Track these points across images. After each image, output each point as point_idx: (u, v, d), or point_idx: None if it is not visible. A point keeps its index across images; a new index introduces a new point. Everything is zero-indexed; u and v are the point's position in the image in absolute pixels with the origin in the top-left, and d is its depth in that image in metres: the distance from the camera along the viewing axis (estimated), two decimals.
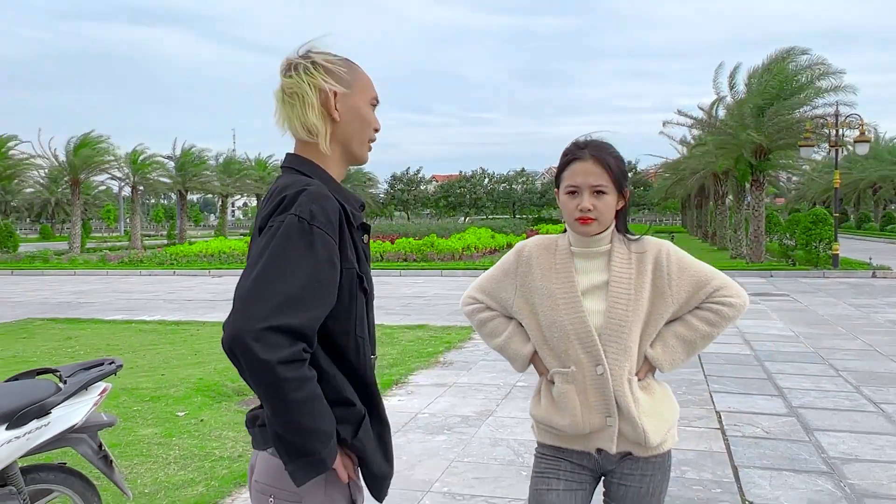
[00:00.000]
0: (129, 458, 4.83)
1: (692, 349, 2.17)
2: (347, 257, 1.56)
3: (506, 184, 74.51)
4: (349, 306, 1.57)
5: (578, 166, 2.11)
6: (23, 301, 14.62)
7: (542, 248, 2.23)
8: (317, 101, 1.59)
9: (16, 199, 57.19)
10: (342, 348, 1.59)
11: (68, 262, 23.97)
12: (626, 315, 2.09)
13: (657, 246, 2.16)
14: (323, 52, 1.64)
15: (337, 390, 1.58)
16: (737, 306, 2.16)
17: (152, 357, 8.42)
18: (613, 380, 2.09)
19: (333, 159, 1.65)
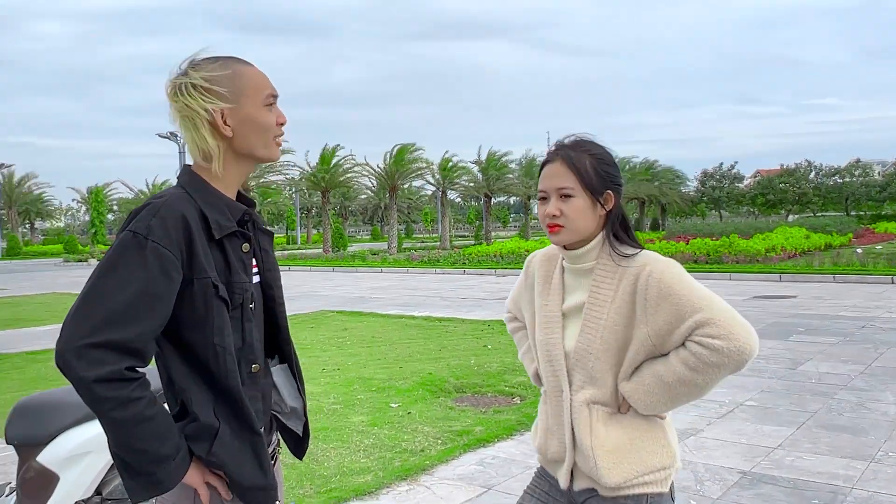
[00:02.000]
0: (329, 442, 5.27)
1: (673, 395, 1.80)
2: (200, 267, 1.55)
3: (836, 176, 66.52)
4: (205, 316, 1.56)
5: (547, 170, 1.92)
6: (327, 295, 16.64)
7: (545, 261, 2.07)
8: (206, 122, 1.61)
9: (352, 204, 65.17)
10: (201, 359, 1.58)
11: (379, 261, 26.71)
12: (594, 341, 1.85)
13: (643, 263, 1.82)
14: (205, 62, 1.63)
15: (189, 405, 1.59)
16: (721, 351, 1.71)
17: (402, 350, 9.06)
18: (574, 408, 1.88)
19: (228, 171, 1.66)
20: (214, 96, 1.60)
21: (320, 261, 28.32)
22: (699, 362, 1.73)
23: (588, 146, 1.91)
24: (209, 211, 1.60)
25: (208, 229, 1.58)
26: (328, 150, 36.06)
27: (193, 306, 1.55)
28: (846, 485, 4.19)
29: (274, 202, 55.74)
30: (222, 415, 1.60)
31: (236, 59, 1.68)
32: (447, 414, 6.00)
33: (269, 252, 1.78)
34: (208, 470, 1.61)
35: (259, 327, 1.71)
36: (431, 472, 4.59)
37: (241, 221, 1.67)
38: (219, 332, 1.57)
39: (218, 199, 1.63)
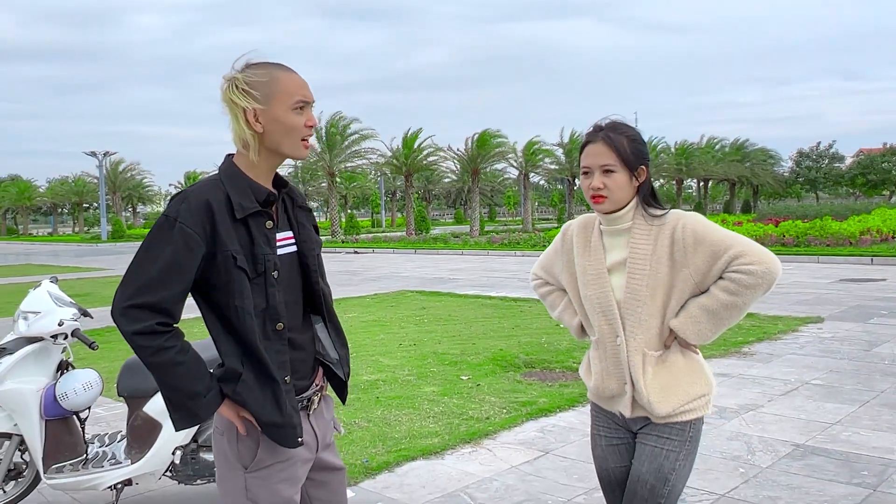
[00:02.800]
0: (402, 409, 5.66)
1: (718, 320, 2.18)
2: (223, 243, 1.88)
3: None
4: (227, 281, 1.90)
5: (590, 149, 2.30)
6: (408, 276, 17.14)
7: (581, 228, 2.41)
8: (242, 118, 1.93)
9: (436, 188, 65.82)
10: (227, 316, 1.93)
11: (461, 244, 27.11)
12: (641, 289, 2.20)
13: (676, 218, 2.21)
14: (252, 66, 1.94)
15: (220, 354, 1.98)
16: (756, 273, 2.11)
17: (477, 328, 9.39)
18: (629, 351, 2.24)
19: (261, 160, 1.98)
20: (250, 97, 1.92)
21: (403, 243, 28.97)
22: (738, 287, 2.11)
23: (624, 128, 2.25)
24: (234, 195, 1.93)
25: (232, 210, 1.93)
26: (410, 135, 36.63)
27: (218, 274, 1.90)
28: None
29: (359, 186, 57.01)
30: (247, 363, 1.95)
31: (279, 66, 1.98)
32: (515, 387, 6.30)
33: (305, 226, 2.09)
34: (241, 408, 1.96)
35: (293, 290, 2.04)
36: (494, 437, 4.91)
37: (266, 202, 1.99)
38: (238, 296, 1.90)
39: (245, 183, 1.96)
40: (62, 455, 3.71)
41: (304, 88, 1.97)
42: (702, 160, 51.89)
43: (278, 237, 2.01)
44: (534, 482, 4.13)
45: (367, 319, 10.40)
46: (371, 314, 10.95)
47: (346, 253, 27.50)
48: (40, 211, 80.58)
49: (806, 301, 10.88)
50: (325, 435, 2.16)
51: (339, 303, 12.35)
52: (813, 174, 65.46)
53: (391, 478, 4.27)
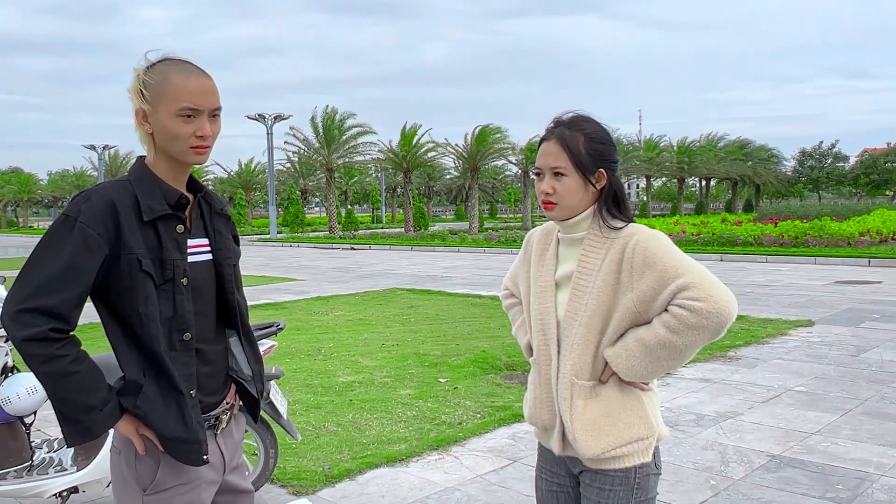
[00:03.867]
0: (374, 412, 5.54)
1: (654, 359, 1.89)
2: (126, 245, 1.77)
3: None
4: (131, 286, 1.78)
5: (543, 147, 2.02)
6: (402, 273, 17.02)
7: (543, 235, 2.17)
8: (134, 115, 1.84)
9: (436, 184, 65.66)
10: (130, 324, 1.80)
11: (458, 241, 26.98)
12: (580, 308, 1.96)
13: (631, 233, 1.94)
14: (158, 64, 1.82)
15: (120, 364, 1.84)
16: (701, 312, 1.80)
17: (463, 328, 9.27)
18: (559, 377, 2.00)
19: (160, 162, 1.87)
20: (142, 97, 1.81)
21: (400, 239, 28.83)
22: (680, 324, 1.82)
23: (583, 124, 1.98)
24: (142, 196, 1.81)
25: (139, 212, 1.80)
26: (408, 130, 36.46)
27: (121, 278, 1.78)
28: (876, 472, 4.14)
29: (359, 182, 56.87)
30: (149, 374, 1.82)
31: (181, 66, 1.84)
32: (493, 390, 6.17)
33: (222, 234, 1.97)
34: (142, 423, 1.83)
35: (205, 300, 1.91)
36: (463, 444, 4.78)
37: (178, 205, 1.86)
38: (143, 302, 1.78)
39: (154, 184, 1.84)
40: (6, 461, 3.59)
41: (195, 95, 1.82)
42: (704, 158, 51.69)
43: (192, 244, 1.90)
44: (497, 493, 4.01)
45: (353, 318, 10.28)
46: (358, 313, 10.83)
47: (342, 249, 27.38)
48: (41, 203, 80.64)
49: (798, 303, 10.74)
50: (234, 456, 2.03)
51: (327, 301, 12.26)
52: (815, 174, 65.27)
53: (351, 486, 4.14)
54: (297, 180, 48.25)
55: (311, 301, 12.26)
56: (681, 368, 6.81)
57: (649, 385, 2.00)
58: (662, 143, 51.90)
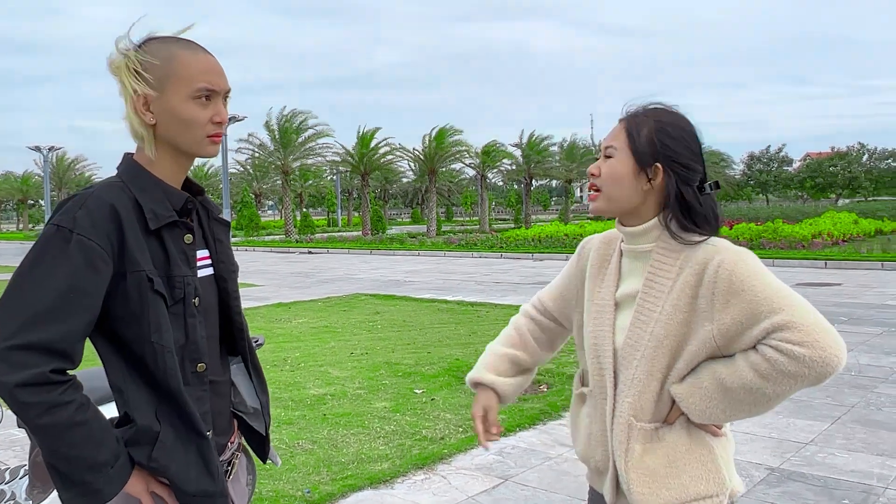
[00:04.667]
0: (351, 427, 5.25)
1: (734, 403, 1.56)
2: (133, 260, 1.46)
3: (890, 160, 64.46)
4: (141, 311, 1.46)
5: (611, 131, 1.74)
6: (363, 278, 16.68)
7: (603, 243, 1.85)
8: (131, 104, 1.52)
9: (393, 187, 65.30)
10: (140, 357, 1.48)
11: (417, 244, 26.72)
12: (643, 337, 1.63)
13: (712, 252, 1.59)
14: (151, 42, 1.53)
15: (128, 408, 1.50)
16: (803, 359, 1.46)
17: (433, 335, 9.01)
18: (615, 415, 1.69)
19: (162, 159, 1.56)
20: (143, 79, 1.50)
21: (358, 243, 28.44)
22: (773, 370, 1.49)
23: (658, 113, 1.69)
24: (144, 200, 1.50)
25: (143, 219, 1.50)
26: (366, 133, 36.08)
27: (128, 301, 1.46)
28: (880, 484, 4.01)
29: (315, 185, 56.19)
30: (164, 417, 1.50)
31: (185, 43, 1.56)
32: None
33: (223, 242, 1.69)
34: (153, 478, 1.52)
35: (210, 323, 1.62)
36: (449, 461, 4.53)
37: (184, 210, 1.58)
38: (156, 329, 1.47)
39: (155, 186, 1.54)
40: None
41: (210, 73, 1.55)
42: None
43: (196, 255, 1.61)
44: None
45: (318, 325, 9.93)
46: (322, 320, 10.49)
47: (299, 253, 26.87)
48: None
49: None
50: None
51: (288, 307, 11.87)
52: (764, 177, 66.79)
53: None
54: (252, 183, 47.38)
55: (272, 308, 11.86)
56: None
57: (723, 429, 1.69)
58: None
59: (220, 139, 1.59)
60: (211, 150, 1.58)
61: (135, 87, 1.50)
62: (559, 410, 5.56)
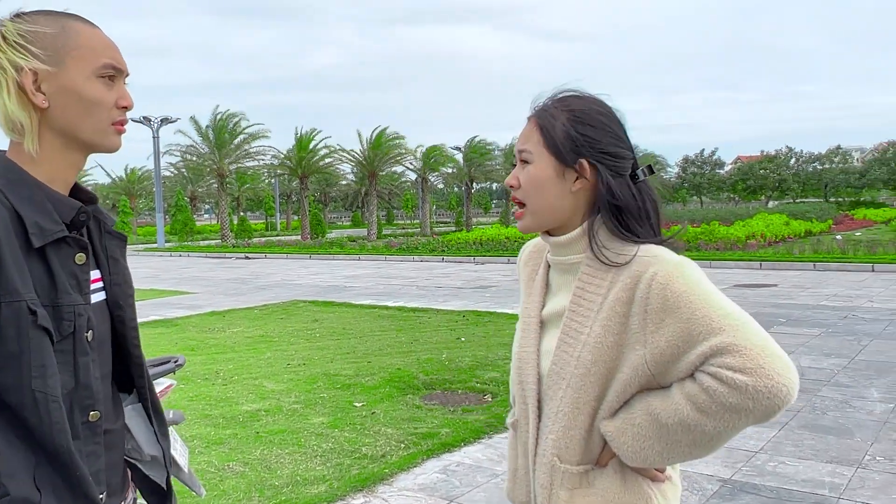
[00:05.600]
0: (286, 446, 4.93)
1: (670, 442, 1.33)
2: (11, 286, 1.16)
3: (816, 163, 66.84)
4: (19, 352, 1.17)
5: (521, 132, 1.50)
6: (302, 283, 16.25)
7: (533, 254, 1.64)
8: (12, 83, 1.22)
9: (333, 190, 64.51)
10: (16, 409, 1.18)
11: (358, 248, 26.31)
12: (568, 362, 1.40)
13: (647, 265, 1.35)
14: (32, 14, 1.25)
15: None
16: (745, 390, 1.23)
17: (372, 343, 8.72)
18: (538, 454, 1.46)
19: (49, 156, 1.27)
20: (31, 52, 1.22)
21: (297, 248, 27.86)
22: (712, 402, 1.26)
23: (569, 101, 1.46)
24: (26, 210, 1.21)
25: (24, 235, 1.20)
26: (305, 135, 35.45)
27: (2, 339, 1.17)
28: (833, 494, 3.92)
29: (252, 188, 55.07)
30: (45, 482, 1.20)
31: (77, 17, 1.29)
32: (413, 414, 5.68)
33: (119, 262, 1.39)
34: None
35: (104, 360, 1.34)
36: (391, 482, 4.27)
37: (75, 223, 1.28)
38: (39, 373, 1.18)
39: (39, 192, 1.25)
40: None
41: (113, 50, 1.30)
42: None
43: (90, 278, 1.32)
44: None
45: (253, 335, 9.53)
46: (258, 328, 10.08)
47: (236, 258, 26.15)
48: None
49: None
50: None
51: (224, 315, 11.41)
52: (698, 180, 68.36)
53: None
54: (186, 186, 46.10)
55: (205, 316, 11.37)
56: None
57: (667, 471, 1.46)
58: None
59: (124, 129, 1.32)
60: (115, 142, 1.31)
61: (17, 62, 1.21)
62: (504, 422, 5.35)
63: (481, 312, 10.99)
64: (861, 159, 73.32)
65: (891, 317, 9.74)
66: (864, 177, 62.12)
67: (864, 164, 66.37)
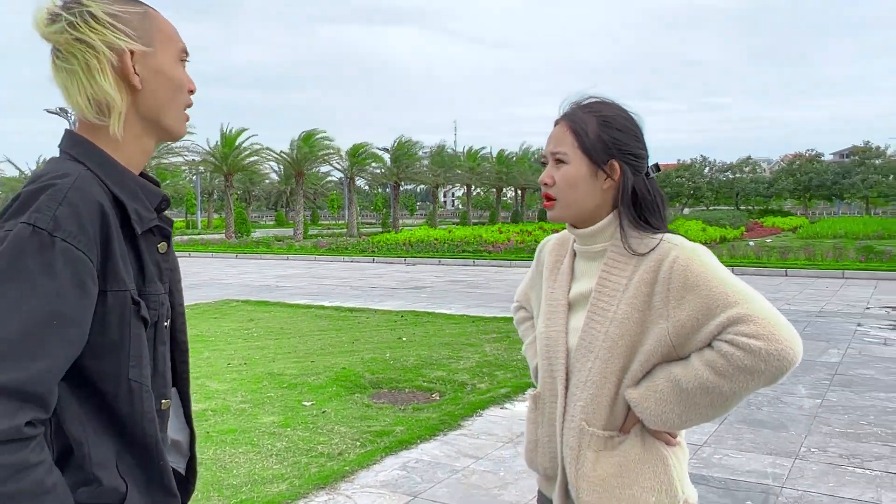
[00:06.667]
0: (238, 446, 4.87)
1: (691, 406, 1.49)
2: (117, 276, 1.16)
3: (729, 172, 69.73)
4: (120, 341, 1.17)
5: (551, 133, 1.66)
6: (231, 283, 15.93)
7: (557, 245, 1.80)
8: (107, 64, 1.20)
9: (256, 189, 63.36)
10: (109, 397, 1.19)
11: (285, 248, 25.94)
12: (598, 337, 1.56)
13: (667, 249, 1.53)
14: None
15: (85, 465, 1.17)
16: (759, 353, 1.39)
17: (313, 343, 8.66)
18: (567, 419, 1.61)
19: (130, 141, 1.26)
20: (125, 31, 1.21)
21: (223, 247, 27.26)
22: (729, 366, 1.42)
23: (600, 107, 1.62)
24: (126, 196, 1.20)
25: (127, 223, 1.20)
26: (232, 133, 34.72)
27: (105, 328, 1.16)
28: (776, 484, 4.15)
29: (172, 185, 53.52)
30: (129, 472, 1.20)
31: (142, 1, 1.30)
32: (364, 413, 5.69)
33: (170, 247, 1.40)
34: None
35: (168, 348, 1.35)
36: (352, 479, 4.27)
37: (158, 210, 1.29)
38: (136, 363, 1.19)
39: (130, 179, 1.24)
40: None
41: (180, 35, 1.32)
42: (520, 170, 53.85)
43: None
44: None
45: (189, 334, 9.29)
46: (191, 328, 9.83)
47: None
48: None
49: None
50: None
51: None
52: None
53: None
54: None
55: None
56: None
57: (677, 437, 1.62)
58: (482, 153, 53.38)
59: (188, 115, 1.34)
60: (184, 129, 1.34)
61: (115, 42, 1.19)
62: (457, 420, 5.43)
63: (419, 312, 11.05)
64: (769, 170, 76.90)
65: (807, 318, 10.31)
66: (772, 186, 65.18)
67: (772, 175, 69.66)
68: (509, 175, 53.38)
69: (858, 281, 15.41)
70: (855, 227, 34.36)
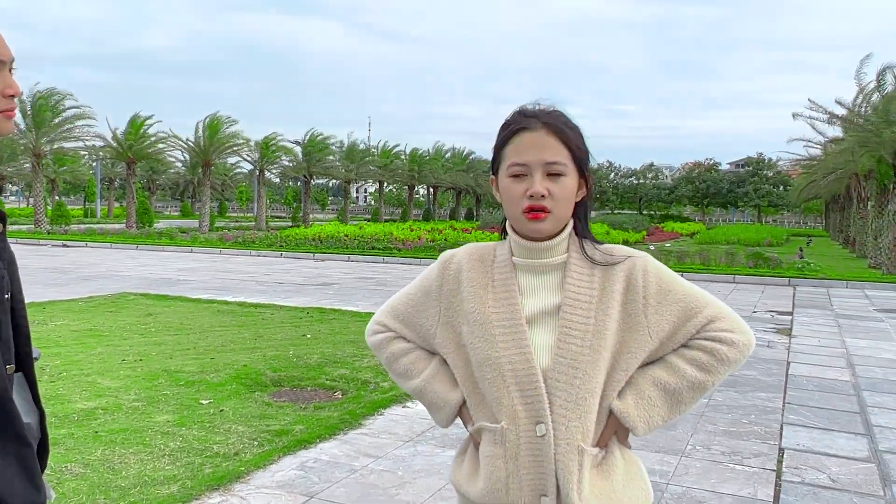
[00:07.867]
0: (129, 446, 4.70)
1: (678, 404, 1.57)
2: None
3: (633, 178, 72.11)
4: None
5: (528, 138, 1.55)
6: (130, 275, 15.34)
7: (474, 260, 1.67)
8: None
9: (161, 178, 61.15)
10: None
11: (189, 240, 25.17)
12: (582, 352, 1.52)
13: (630, 259, 1.59)
14: None
15: None
16: (739, 345, 1.57)
17: (214, 339, 8.45)
18: (557, 446, 1.52)
19: None
20: None
21: (123, 237, 26.19)
22: (714, 360, 1.56)
23: (566, 119, 1.60)
24: None
25: None
26: (138, 119, 33.38)
27: None
28: (662, 480, 4.34)
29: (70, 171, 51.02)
30: None
31: None
32: (264, 411, 5.60)
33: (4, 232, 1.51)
34: None
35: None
36: (247, 480, 4.20)
37: None
38: None
39: None
40: None
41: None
42: (432, 168, 54.10)
43: None
44: None
45: (81, 328, 8.91)
46: (85, 322, 9.43)
47: (52, 246, 24.16)
48: None
49: None
50: None
51: (44, 307, 10.55)
52: None
53: None
54: None
55: None
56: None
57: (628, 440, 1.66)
58: (396, 150, 53.32)
59: (14, 114, 1.42)
60: (5, 127, 1.43)
61: None
62: (359, 419, 5.42)
63: (325, 309, 10.94)
64: (671, 176, 79.94)
65: None
66: (672, 192, 67.80)
67: (673, 182, 72.46)
68: (422, 173, 53.54)
69: (747, 286, 16.24)
70: (747, 235, 36.24)
